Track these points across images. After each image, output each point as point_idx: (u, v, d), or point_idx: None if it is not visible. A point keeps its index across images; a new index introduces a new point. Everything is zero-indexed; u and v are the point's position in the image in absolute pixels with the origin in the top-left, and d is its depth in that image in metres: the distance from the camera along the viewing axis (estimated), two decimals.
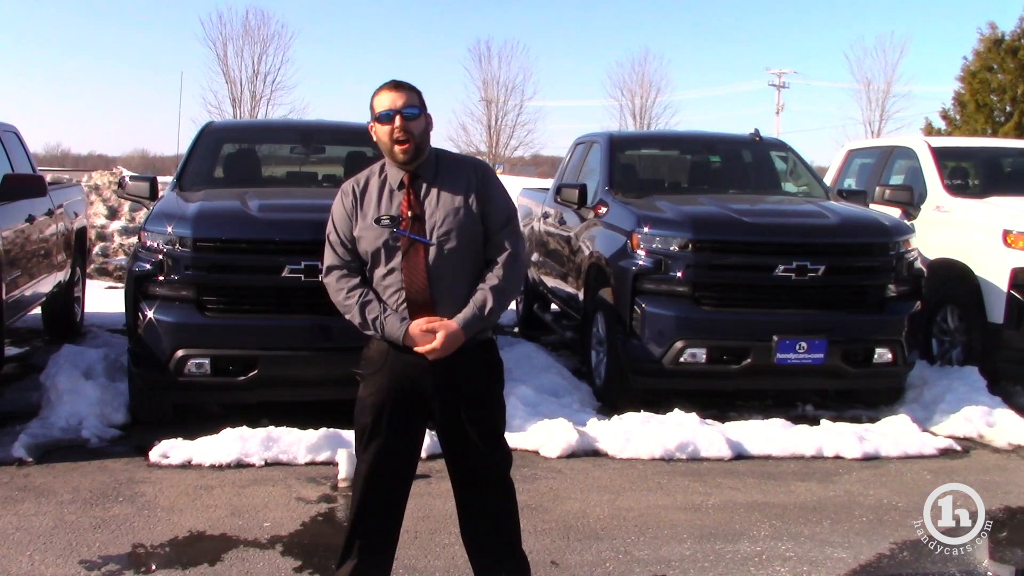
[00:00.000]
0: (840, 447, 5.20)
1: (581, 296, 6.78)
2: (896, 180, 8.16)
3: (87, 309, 8.52)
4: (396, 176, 2.82)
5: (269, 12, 58.75)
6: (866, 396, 6.25)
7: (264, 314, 5.09)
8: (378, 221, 2.77)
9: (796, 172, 7.63)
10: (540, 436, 5.13)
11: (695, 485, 4.67)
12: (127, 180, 6.27)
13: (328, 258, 2.88)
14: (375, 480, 2.83)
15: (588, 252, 6.58)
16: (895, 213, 7.00)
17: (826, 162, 15.07)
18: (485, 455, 2.86)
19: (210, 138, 6.85)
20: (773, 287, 5.66)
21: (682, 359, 5.56)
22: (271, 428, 4.94)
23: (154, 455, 4.77)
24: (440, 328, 2.71)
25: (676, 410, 5.52)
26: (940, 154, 7.69)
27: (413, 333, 2.72)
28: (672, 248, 5.69)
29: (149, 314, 4.99)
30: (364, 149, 6.58)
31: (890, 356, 5.75)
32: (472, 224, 2.79)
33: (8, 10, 67.42)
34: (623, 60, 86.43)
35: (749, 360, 5.56)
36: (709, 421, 5.48)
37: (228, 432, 4.91)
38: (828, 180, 8.82)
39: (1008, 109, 20.62)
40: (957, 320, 6.71)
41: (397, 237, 2.75)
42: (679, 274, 5.64)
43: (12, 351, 6.94)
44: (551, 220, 7.91)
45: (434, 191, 2.80)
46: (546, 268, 7.99)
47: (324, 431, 4.92)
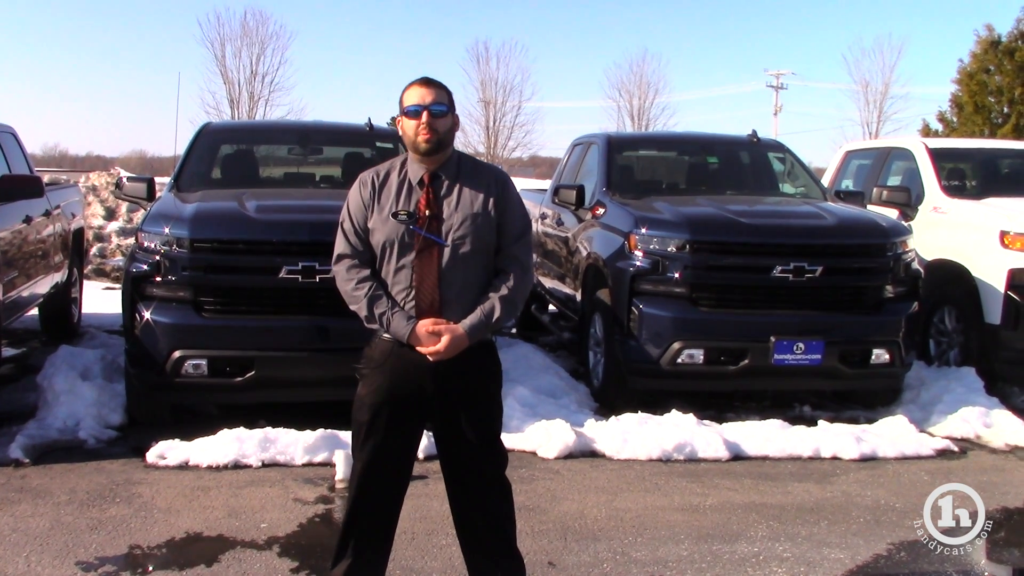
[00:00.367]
0: (837, 448, 5.21)
1: (579, 297, 6.79)
2: (894, 181, 8.17)
3: (84, 310, 8.50)
4: (417, 172, 2.82)
5: (267, 13, 58.45)
6: (863, 397, 6.26)
7: (261, 315, 5.08)
8: (395, 215, 2.77)
9: (794, 173, 7.64)
10: (538, 437, 5.12)
11: (692, 486, 4.67)
12: (125, 181, 6.28)
13: (339, 246, 2.87)
14: (371, 479, 2.83)
15: (586, 253, 6.59)
16: (892, 214, 7.00)
17: (824, 163, 15.06)
18: (482, 456, 2.86)
19: (208, 139, 6.85)
20: (770, 288, 5.66)
21: (679, 360, 5.56)
22: (268, 429, 4.94)
23: (151, 456, 4.77)
24: (446, 331, 2.72)
25: (673, 411, 5.52)
26: (937, 155, 7.69)
27: (419, 333, 2.73)
28: (669, 249, 5.69)
29: (146, 315, 4.98)
30: (362, 150, 6.57)
31: (887, 357, 5.75)
32: (488, 231, 2.79)
33: (6, 10, 67.38)
34: (621, 61, 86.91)
35: (746, 361, 5.56)
36: (706, 422, 5.48)
37: (225, 433, 4.91)
38: (826, 181, 8.84)
39: (1006, 111, 20.61)
40: (954, 321, 6.72)
41: (412, 234, 2.75)
42: (676, 275, 5.64)
43: (9, 352, 6.92)
44: (549, 221, 7.92)
45: (453, 193, 2.80)
46: (544, 269, 7.99)
47: (321, 432, 4.92)
